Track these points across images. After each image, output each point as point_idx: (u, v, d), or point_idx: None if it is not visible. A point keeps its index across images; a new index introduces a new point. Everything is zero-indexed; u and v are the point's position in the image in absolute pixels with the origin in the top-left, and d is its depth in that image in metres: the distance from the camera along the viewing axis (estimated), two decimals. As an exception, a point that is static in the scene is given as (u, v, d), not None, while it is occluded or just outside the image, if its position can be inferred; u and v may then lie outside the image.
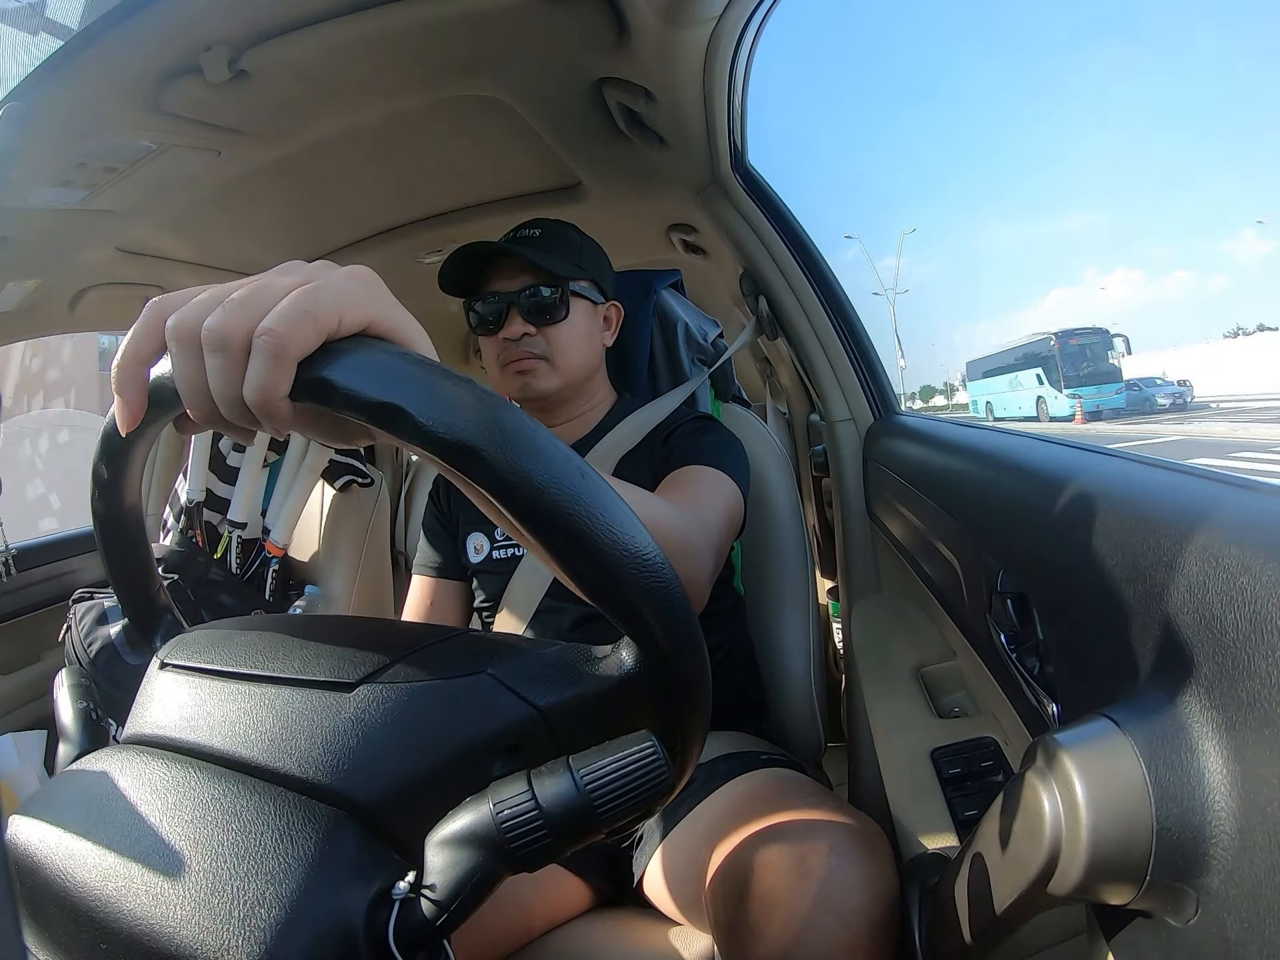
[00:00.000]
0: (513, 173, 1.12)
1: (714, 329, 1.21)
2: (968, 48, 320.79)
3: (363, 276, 0.33)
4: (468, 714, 0.35)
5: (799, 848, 0.57)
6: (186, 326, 0.30)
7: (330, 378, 0.29)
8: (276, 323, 0.29)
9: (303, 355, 0.30)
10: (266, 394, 0.29)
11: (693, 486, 0.78)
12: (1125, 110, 79.31)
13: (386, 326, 0.32)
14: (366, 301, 0.32)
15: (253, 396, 0.30)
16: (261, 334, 0.29)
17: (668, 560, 0.31)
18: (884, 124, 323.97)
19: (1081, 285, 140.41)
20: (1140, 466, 0.43)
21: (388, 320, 0.32)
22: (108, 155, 0.81)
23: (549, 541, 0.30)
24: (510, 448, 0.28)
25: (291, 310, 0.29)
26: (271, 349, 0.29)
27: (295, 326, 0.29)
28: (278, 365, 0.29)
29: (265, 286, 0.31)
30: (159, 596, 0.48)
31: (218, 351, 0.30)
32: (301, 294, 0.30)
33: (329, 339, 0.30)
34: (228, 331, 0.29)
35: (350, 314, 0.31)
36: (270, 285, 0.31)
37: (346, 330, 0.31)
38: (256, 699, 0.37)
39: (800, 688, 1.04)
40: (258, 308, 0.30)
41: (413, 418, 0.28)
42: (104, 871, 0.31)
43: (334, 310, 0.30)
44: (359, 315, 0.31)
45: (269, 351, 0.29)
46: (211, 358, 0.30)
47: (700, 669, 0.34)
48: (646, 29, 0.71)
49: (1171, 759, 0.30)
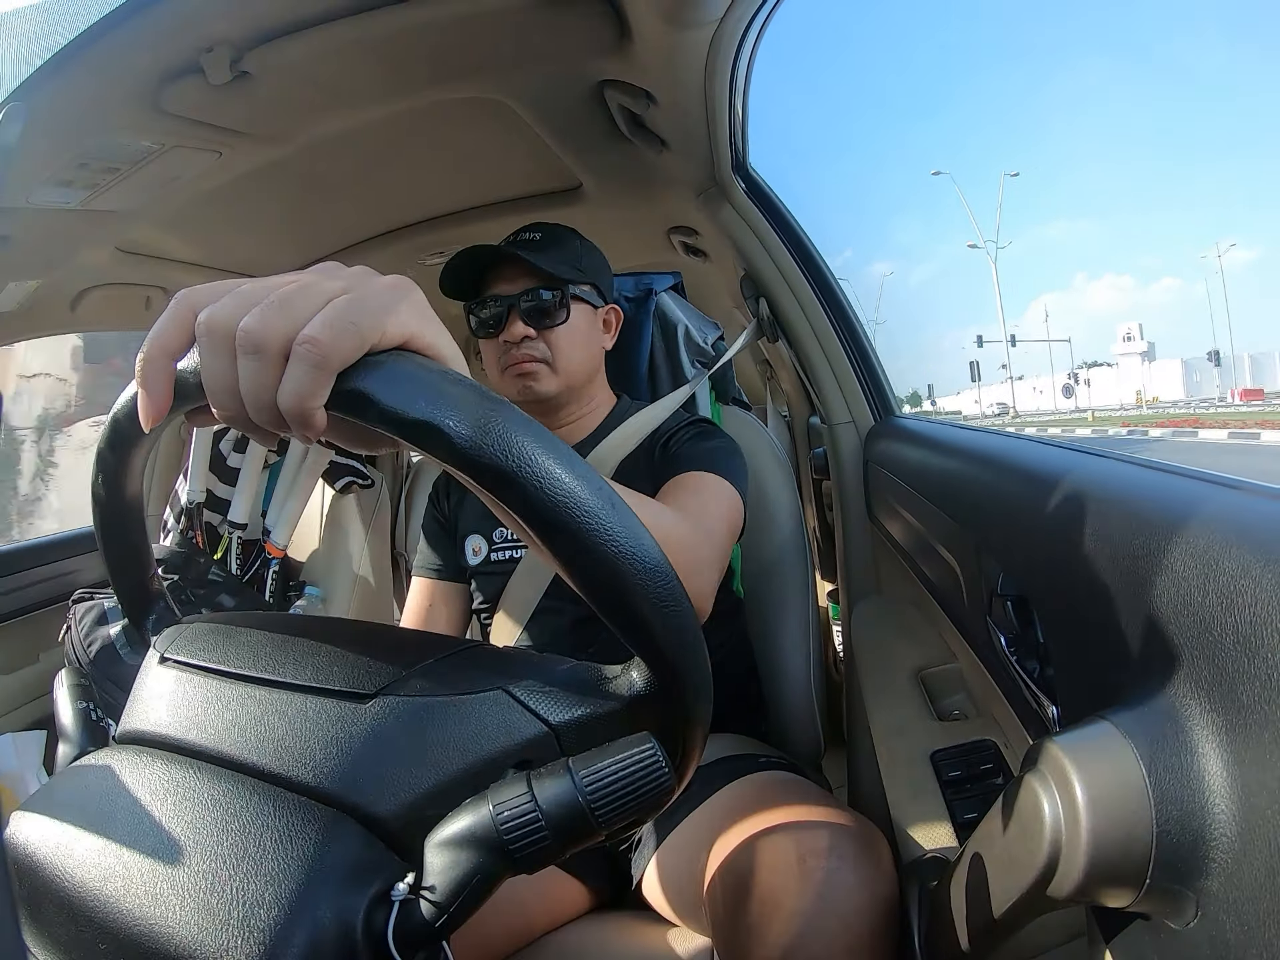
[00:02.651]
0: (514, 175, 1.13)
1: (714, 331, 1.21)
2: (968, 48, 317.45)
3: (404, 288, 0.32)
4: (482, 730, 0.35)
5: (798, 850, 0.57)
6: (220, 324, 0.29)
7: (369, 392, 0.29)
8: (320, 331, 0.28)
9: (344, 366, 0.29)
10: (303, 403, 0.28)
11: (695, 494, 0.78)
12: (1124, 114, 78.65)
13: (426, 341, 0.31)
14: (409, 315, 0.31)
15: (288, 403, 0.29)
16: (304, 342, 0.28)
17: (681, 585, 0.31)
18: (883, 125, 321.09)
19: (1070, 290, 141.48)
20: (1140, 469, 0.43)
21: (427, 335, 0.32)
22: (109, 155, 0.81)
23: (572, 565, 0.30)
24: (545, 478, 0.28)
25: (337, 320, 0.29)
26: (314, 358, 0.28)
27: (339, 337, 0.28)
28: (318, 375, 0.28)
29: (306, 289, 0.30)
30: (153, 583, 0.48)
31: (253, 353, 0.29)
32: (347, 303, 0.29)
33: (370, 351, 0.29)
34: (265, 333, 0.28)
35: (394, 327, 0.30)
36: (310, 288, 0.30)
37: (387, 343, 0.30)
38: (267, 704, 0.36)
39: (800, 690, 1.04)
40: (298, 312, 0.29)
41: (449, 439, 0.28)
42: (103, 872, 0.31)
43: (378, 323, 0.29)
44: (401, 328, 0.30)
45: (311, 360, 0.28)
46: (245, 359, 0.29)
47: (704, 680, 0.34)
48: (648, 31, 0.71)
49: (1171, 762, 0.30)
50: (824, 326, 1.11)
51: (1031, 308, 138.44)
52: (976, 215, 48.04)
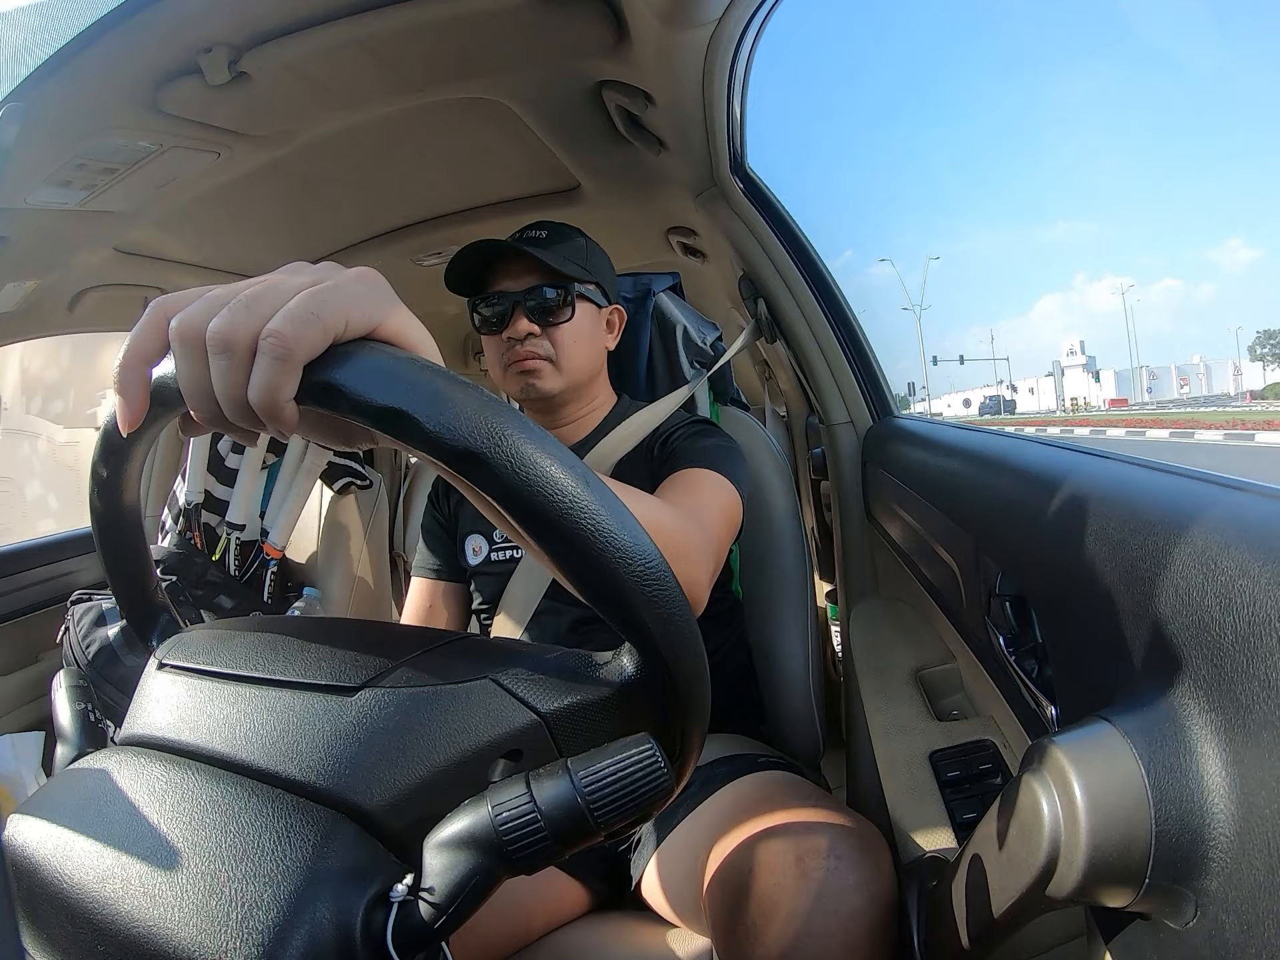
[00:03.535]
0: (512, 175, 1.13)
1: (713, 332, 1.21)
2: (967, 50, 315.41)
3: (369, 279, 0.33)
4: (470, 719, 0.35)
5: (797, 850, 0.57)
6: (191, 327, 0.30)
7: (336, 382, 0.29)
8: (283, 325, 0.29)
9: (309, 358, 0.29)
10: (272, 396, 0.29)
11: (692, 490, 0.78)
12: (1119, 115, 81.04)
13: (393, 330, 0.32)
14: (373, 304, 0.31)
15: (258, 399, 0.29)
16: (267, 336, 0.29)
17: (669, 566, 0.31)
18: (883, 126, 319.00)
19: (1071, 291, 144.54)
20: (1139, 469, 0.43)
21: (394, 323, 0.32)
22: (107, 156, 0.81)
23: (551, 546, 0.30)
24: (515, 454, 0.29)
25: (298, 312, 0.29)
26: (277, 351, 0.29)
27: (302, 329, 0.29)
28: (283, 368, 0.29)
29: (271, 288, 0.30)
30: (156, 595, 0.48)
31: (222, 353, 0.29)
32: (308, 296, 0.30)
33: (335, 342, 0.30)
34: (233, 333, 0.29)
35: (357, 317, 0.30)
36: (276, 286, 0.30)
37: (353, 333, 0.30)
38: (256, 702, 0.36)
39: (799, 690, 1.04)
40: (263, 309, 0.29)
41: (419, 423, 0.28)
42: (102, 873, 0.31)
43: (341, 313, 0.30)
44: (366, 318, 0.31)
45: (275, 354, 0.29)
46: (216, 359, 0.30)
47: (699, 673, 0.34)
48: (646, 32, 0.71)
49: (1170, 761, 0.30)
50: (822, 327, 1.11)
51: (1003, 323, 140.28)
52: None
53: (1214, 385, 36.84)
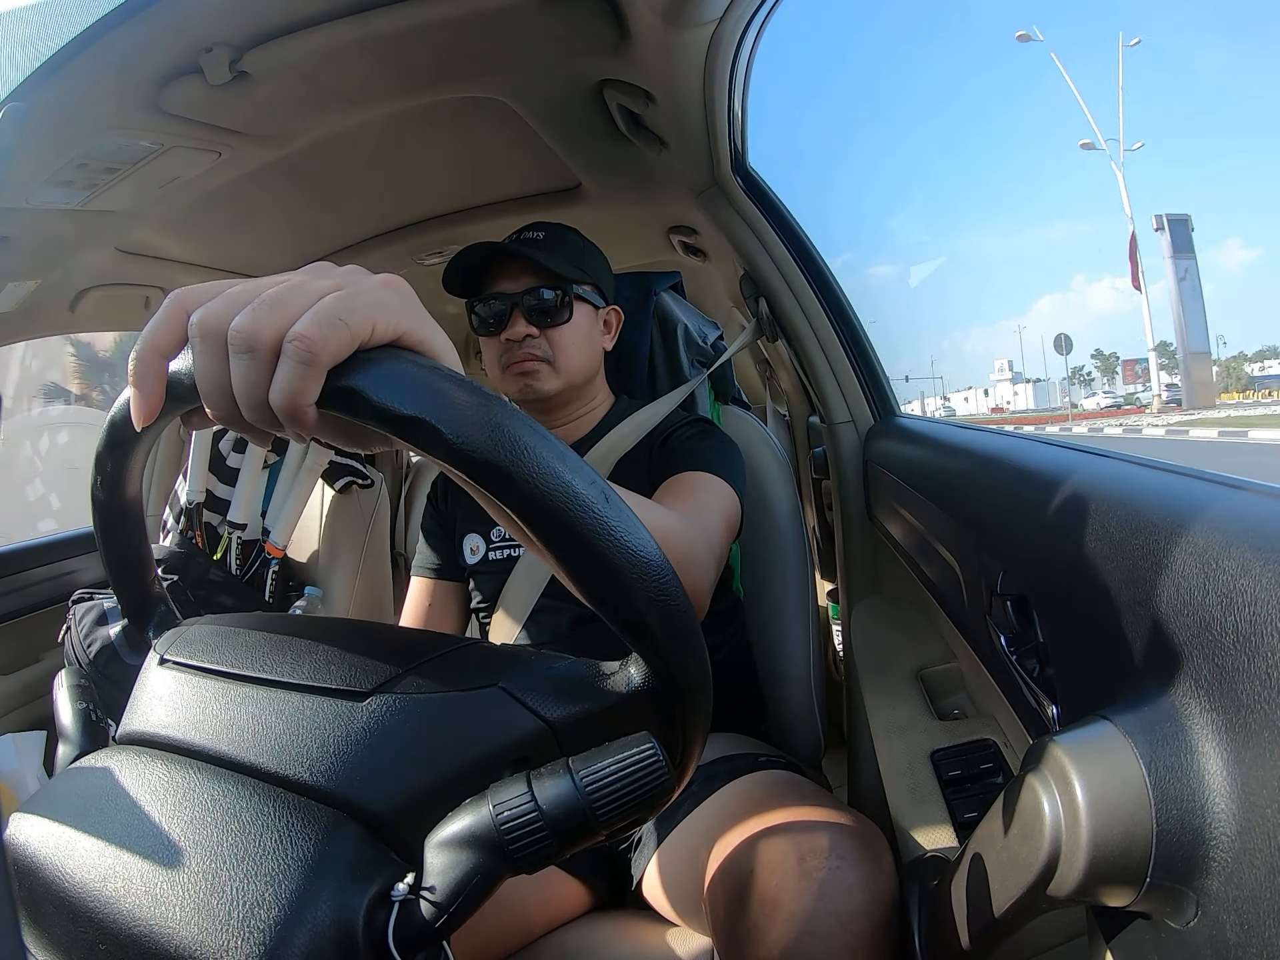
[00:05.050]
0: (513, 175, 1.13)
1: (714, 331, 1.21)
2: (967, 52, 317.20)
3: (396, 285, 0.32)
4: (479, 726, 0.35)
5: (798, 849, 0.57)
6: (212, 323, 0.29)
7: (361, 388, 0.29)
8: (309, 328, 0.28)
9: (334, 363, 0.29)
10: (294, 400, 0.29)
11: (693, 493, 0.78)
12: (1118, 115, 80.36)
13: (418, 338, 0.32)
14: (400, 311, 0.31)
15: (279, 401, 0.29)
16: (294, 339, 0.28)
17: (679, 579, 0.31)
18: (882, 127, 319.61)
19: (1070, 291, 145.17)
20: (1140, 468, 0.43)
21: (419, 331, 0.32)
22: (108, 156, 0.81)
23: (569, 559, 0.30)
24: (539, 471, 0.28)
25: (326, 316, 0.29)
26: (302, 355, 0.28)
27: (328, 333, 0.28)
28: (308, 372, 0.28)
29: (296, 288, 0.30)
30: (153, 586, 0.48)
31: (245, 353, 0.29)
32: (336, 300, 0.29)
33: (360, 348, 0.30)
34: (257, 333, 0.29)
35: (383, 323, 0.30)
36: (302, 287, 0.30)
37: (379, 340, 0.30)
38: (264, 704, 0.36)
39: (800, 689, 1.04)
40: (289, 310, 0.29)
41: (441, 434, 0.28)
42: (103, 872, 0.31)
43: (368, 319, 0.29)
44: (392, 325, 0.30)
45: (299, 357, 0.28)
46: (238, 358, 0.29)
47: (704, 681, 0.34)
48: (647, 31, 0.71)
49: (1171, 761, 0.30)
50: (823, 326, 1.11)
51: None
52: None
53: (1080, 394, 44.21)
